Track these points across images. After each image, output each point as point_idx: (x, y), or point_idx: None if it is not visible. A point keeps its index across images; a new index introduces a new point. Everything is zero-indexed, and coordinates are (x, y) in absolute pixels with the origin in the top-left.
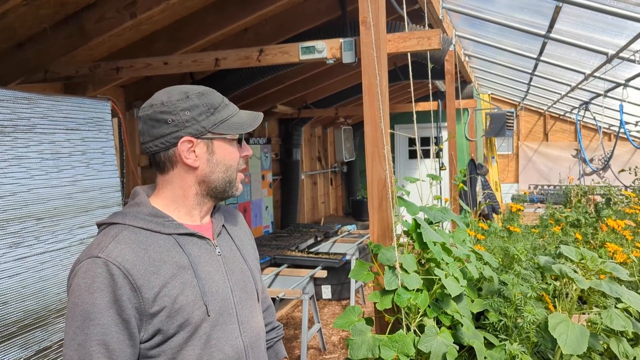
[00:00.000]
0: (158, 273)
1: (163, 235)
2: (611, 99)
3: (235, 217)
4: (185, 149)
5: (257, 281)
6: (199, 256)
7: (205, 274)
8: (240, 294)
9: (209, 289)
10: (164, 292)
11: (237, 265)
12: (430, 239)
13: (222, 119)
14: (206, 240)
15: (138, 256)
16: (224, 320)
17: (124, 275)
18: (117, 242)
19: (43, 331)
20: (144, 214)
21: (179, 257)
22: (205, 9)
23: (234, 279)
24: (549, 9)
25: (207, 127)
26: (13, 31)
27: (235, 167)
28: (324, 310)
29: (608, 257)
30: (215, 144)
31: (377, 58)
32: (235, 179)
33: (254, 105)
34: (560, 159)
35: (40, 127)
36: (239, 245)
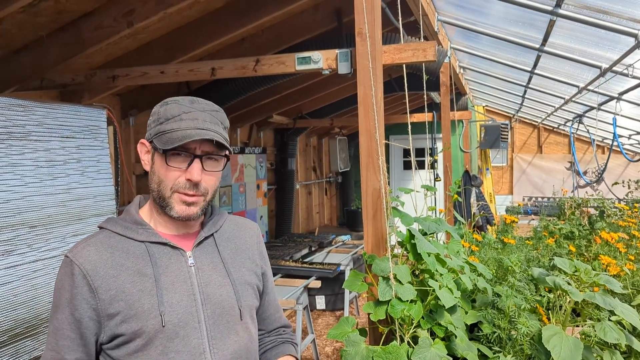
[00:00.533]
0: (117, 277)
1: (135, 242)
2: (605, 112)
3: (242, 228)
4: (141, 151)
5: (244, 297)
6: (166, 266)
7: (168, 284)
8: (214, 309)
9: (169, 300)
10: (121, 296)
11: (215, 279)
12: (425, 250)
13: (163, 131)
14: (179, 251)
15: (102, 259)
16: (186, 335)
17: (83, 275)
18: (87, 243)
19: (34, 340)
20: (126, 221)
21: (143, 265)
22: (202, 18)
23: (208, 292)
24: (543, 22)
25: (152, 134)
26: (10, 38)
27: (168, 184)
28: (318, 321)
29: (602, 270)
30: (156, 154)
31: (372, 69)
32: (169, 198)
33: (250, 115)
34: (554, 171)
35: (35, 135)
36: (225, 257)
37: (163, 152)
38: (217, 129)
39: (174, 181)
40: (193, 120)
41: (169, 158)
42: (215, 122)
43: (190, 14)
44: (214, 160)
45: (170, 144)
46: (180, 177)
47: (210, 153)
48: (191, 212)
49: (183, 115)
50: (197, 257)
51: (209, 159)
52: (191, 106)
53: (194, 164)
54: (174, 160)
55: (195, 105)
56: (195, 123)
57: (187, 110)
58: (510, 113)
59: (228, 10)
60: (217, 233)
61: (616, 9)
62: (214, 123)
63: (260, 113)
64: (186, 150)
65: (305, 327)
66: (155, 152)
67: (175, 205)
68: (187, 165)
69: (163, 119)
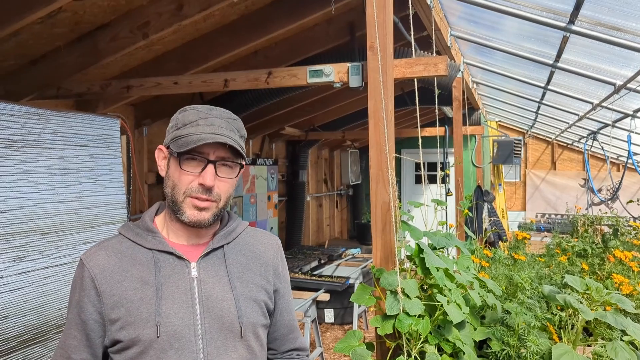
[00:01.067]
0: (121, 283)
1: (144, 249)
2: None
3: (259, 242)
4: (159, 157)
5: (247, 314)
6: (169, 276)
7: (167, 295)
8: (212, 323)
9: (166, 311)
10: (122, 302)
11: (217, 292)
12: (433, 264)
13: (179, 135)
14: (184, 262)
15: (110, 263)
16: (181, 347)
17: (92, 278)
18: (99, 247)
19: (43, 347)
20: (139, 227)
21: (146, 273)
22: (216, 31)
23: (208, 306)
24: (557, 38)
25: (169, 140)
26: (27, 48)
27: (181, 188)
28: (326, 335)
29: (614, 289)
30: (171, 159)
31: (383, 83)
32: (181, 202)
33: (262, 127)
34: (568, 188)
35: (49, 143)
36: (231, 271)
37: (178, 156)
38: (233, 135)
39: (187, 185)
40: (209, 125)
41: (183, 162)
42: (231, 129)
43: (204, 27)
44: (228, 167)
45: (185, 147)
46: (193, 181)
47: (225, 159)
48: (202, 218)
49: (200, 121)
50: (202, 268)
51: (223, 165)
52: (209, 113)
53: (208, 168)
54: (188, 164)
55: (212, 112)
56: (211, 129)
57: (205, 116)
58: (523, 129)
59: (242, 23)
60: (229, 245)
61: (630, 26)
62: (229, 130)
63: (272, 125)
64: (200, 155)
65: (313, 340)
66: (171, 157)
67: (187, 210)
68: (201, 170)
69: (180, 124)
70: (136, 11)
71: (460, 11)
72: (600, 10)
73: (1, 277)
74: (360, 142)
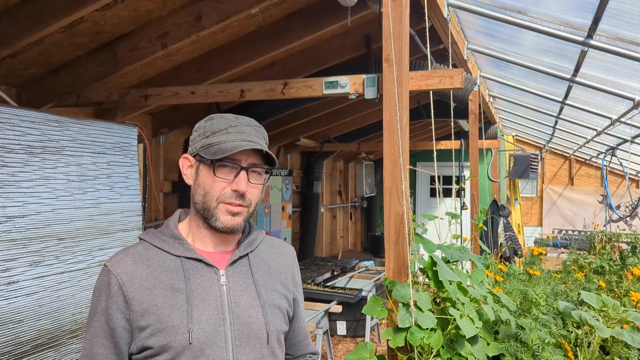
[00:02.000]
0: (151, 290)
1: (172, 256)
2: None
3: (277, 251)
4: (184, 165)
5: (273, 321)
6: (199, 283)
7: (198, 302)
8: (242, 330)
9: (198, 317)
10: (152, 309)
11: (246, 299)
12: (446, 277)
13: (211, 143)
14: (213, 269)
15: (138, 271)
16: (212, 353)
17: (119, 285)
18: (125, 254)
19: (56, 352)
20: (165, 234)
21: (176, 280)
22: (234, 42)
23: (237, 312)
24: (575, 53)
25: (197, 148)
26: (49, 57)
27: (214, 195)
28: (338, 347)
29: (632, 307)
30: (201, 166)
31: (398, 94)
32: (214, 209)
33: (277, 138)
34: (586, 204)
35: (68, 150)
36: (257, 279)
37: (211, 163)
38: (262, 142)
39: (220, 192)
40: (240, 133)
41: (217, 169)
42: (259, 136)
43: (222, 37)
44: (257, 174)
45: (221, 153)
46: (226, 188)
47: (255, 165)
48: (236, 223)
49: (230, 129)
50: (230, 276)
51: (254, 172)
52: (237, 121)
53: (241, 175)
54: (221, 171)
55: (240, 120)
56: (242, 136)
57: (234, 124)
58: (540, 143)
59: (259, 34)
60: (252, 253)
61: None
62: (258, 137)
63: (287, 136)
64: (233, 162)
65: (325, 352)
66: (200, 165)
67: (221, 216)
68: (234, 177)
69: (209, 132)
70: (155, 22)
71: (477, 25)
72: (619, 25)
73: (17, 281)
74: (375, 155)
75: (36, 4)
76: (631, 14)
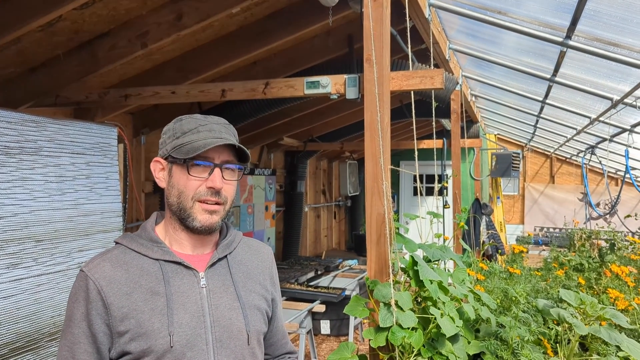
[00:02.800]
0: (130, 295)
1: (150, 259)
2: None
3: (255, 252)
4: (156, 169)
5: (253, 322)
6: (179, 286)
7: (178, 305)
8: (222, 332)
9: (178, 320)
10: (132, 314)
11: (226, 301)
12: (427, 277)
13: (182, 143)
14: (192, 271)
15: (116, 275)
16: (193, 356)
17: (98, 291)
18: (103, 259)
19: (35, 355)
20: (142, 238)
21: (155, 283)
22: (215, 41)
23: (217, 315)
24: (554, 53)
25: (169, 149)
26: (27, 56)
27: (189, 194)
28: (322, 346)
29: (610, 304)
30: (174, 167)
31: (379, 95)
32: (190, 208)
33: (260, 137)
34: (567, 202)
35: (46, 150)
36: (236, 280)
37: (184, 163)
38: (233, 139)
39: (195, 190)
40: (210, 131)
41: (190, 168)
42: (229, 133)
43: (203, 37)
44: (231, 170)
45: (193, 152)
46: (201, 186)
47: (229, 162)
48: (213, 221)
49: (200, 128)
50: (210, 278)
51: (227, 168)
52: (206, 120)
53: (215, 171)
54: (195, 170)
55: (209, 119)
56: (213, 134)
57: (204, 123)
58: (522, 142)
59: (241, 33)
60: (231, 255)
61: (627, 42)
62: (228, 134)
63: (270, 135)
64: (206, 160)
65: (309, 351)
66: (173, 166)
67: (198, 215)
68: (209, 174)
69: (180, 133)
70: (135, 21)
71: (459, 25)
72: (597, 26)
73: None
74: (359, 154)
75: (13, 2)
76: (609, 15)
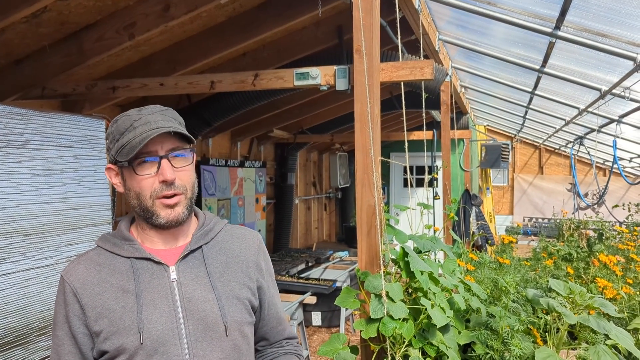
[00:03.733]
0: (102, 295)
1: (122, 258)
2: (605, 134)
3: (239, 239)
4: (111, 176)
5: (231, 312)
6: (149, 282)
7: (148, 301)
8: (197, 324)
9: (148, 316)
10: (105, 313)
11: (199, 293)
12: (417, 267)
13: (122, 145)
14: (162, 266)
15: (90, 276)
16: (166, 351)
17: (74, 293)
18: (78, 262)
19: (24, 349)
20: (115, 237)
21: (126, 281)
22: (203, 32)
23: (190, 308)
24: (543, 44)
25: (114, 154)
26: (12, 48)
27: (146, 194)
28: (314, 337)
29: (598, 293)
30: (124, 171)
31: (369, 86)
32: (151, 207)
33: (250, 129)
34: (555, 192)
35: (33, 143)
36: (211, 271)
37: (129, 164)
38: (172, 124)
39: (150, 189)
40: (145, 124)
41: (137, 168)
42: (167, 119)
43: (191, 28)
44: (180, 157)
45: (132, 151)
46: (154, 182)
47: (175, 149)
48: (177, 214)
49: (135, 124)
50: (181, 271)
51: (175, 156)
52: (139, 114)
53: (162, 164)
54: (142, 168)
55: (143, 111)
56: (149, 126)
57: (137, 118)
58: (511, 133)
59: (229, 25)
60: (208, 245)
61: (615, 32)
62: (166, 121)
63: (260, 127)
64: (150, 155)
65: (300, 343)
66: (123, 170)
67: (160, 212)
68: (157, 168)
69: (118, 135)
70: (122, 12)
71: (448, 16)
72: (586, 17)
73: None
74: (349, 145)
75: None
76: (597, 5)
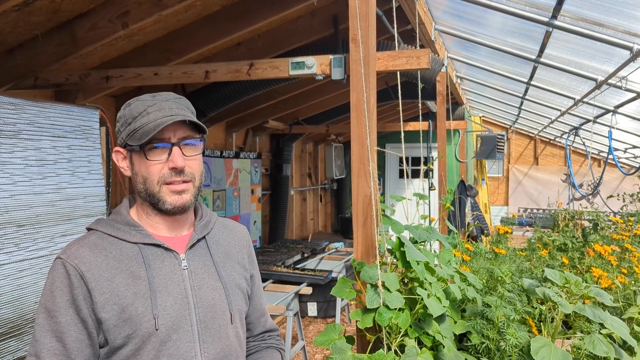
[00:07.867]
0: (111, 280)
1: (128, 243)
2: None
3: (231, 231)
4: (118, 159)
5: (235, 301)
6: (160, 268)
7: (161, 287)
8: (206, 312)
9: (162, 303)
10: (114, 299)
11: (208, 282)
12: (414, 257)
13: (134, 129)
14: (172, 253)
15: (96, 260)
16: (179, 337)
17: (80, 276)
18: (80, 245)
19: (18, 341)
20: (118, 222)
21: (136, 267)
22: (198, 22)
23: (200, 295)
24: (540, 33)
25: (124, 138)
26: (3, 37)
27: (153, 179)
28: (309, 328)
29: (593, 282)
30: (133, 155)
31: (365, 75)
32: (158, 192)
33: (245, 120)
34: (550, 183)
35: (26, 133)
36: (217, 260)
37: (140, 149)
38: (186, 112)
39: (159, 174)
40: (160, 110)
41: (147, 153)
42: (181, 107)
43: (186, 17)
44: (191, 145)
45: (146, 136)
46: (163, 168)
47: (186, 138)
48: (184, 200)
49: (149, 109)
50: (191, 259)
51: (186, 145)
52: (154, 99)
53: (174, 150)
54: (153, 154)
55: (157, 97)
56: (163, 112)
57: (151, 103)
58: (506, 124)
59: (224, 14)
60: (209, 236)
61: (612, 22)
62: (180, 109)
63: (256, 118)
64: (162, 141)
65: (296, 333)
66: (132, 154)
67: (167, 197)
68: (168, 155)
69: (130, 118)
70: (115, 0)
71: (444, 5)
72: (583, 5)
73: None
74: (345, 136)
75: None
76: None
